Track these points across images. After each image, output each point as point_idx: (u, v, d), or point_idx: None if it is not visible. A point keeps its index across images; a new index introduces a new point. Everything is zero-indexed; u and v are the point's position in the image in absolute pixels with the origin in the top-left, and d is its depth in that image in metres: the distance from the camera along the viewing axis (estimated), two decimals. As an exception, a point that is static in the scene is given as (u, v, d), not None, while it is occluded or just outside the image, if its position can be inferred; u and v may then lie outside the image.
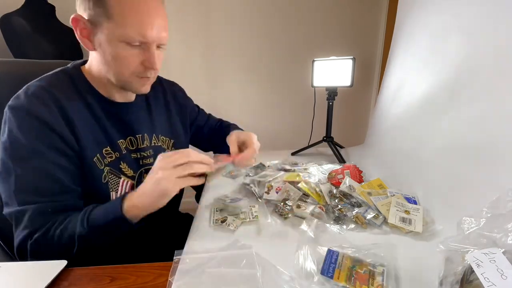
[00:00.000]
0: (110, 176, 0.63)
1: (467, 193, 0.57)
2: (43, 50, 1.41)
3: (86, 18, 0.54)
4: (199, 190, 0.89)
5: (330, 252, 0.50)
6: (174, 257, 0.50)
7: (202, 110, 0.97)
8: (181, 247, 0.55)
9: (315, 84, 1.03)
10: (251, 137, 0.75)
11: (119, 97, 0.67)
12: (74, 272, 0.49)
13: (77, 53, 1.58)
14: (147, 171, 0.70)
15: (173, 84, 0.87)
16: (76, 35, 0.56)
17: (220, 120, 0.99)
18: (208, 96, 1.79)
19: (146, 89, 0.64)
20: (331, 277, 0.45)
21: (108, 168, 0.62)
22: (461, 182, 0.60)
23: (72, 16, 0.54)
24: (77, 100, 0.59)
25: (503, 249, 0.34)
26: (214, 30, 1.66)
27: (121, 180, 0.65)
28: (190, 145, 0.90)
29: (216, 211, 0.68)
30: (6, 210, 0.54)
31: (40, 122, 0.53)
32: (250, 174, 0.85)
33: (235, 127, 0.94)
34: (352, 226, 0.60)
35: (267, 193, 0.71)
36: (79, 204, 0.58)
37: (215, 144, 0.95)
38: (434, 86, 0.76)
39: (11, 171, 0.52)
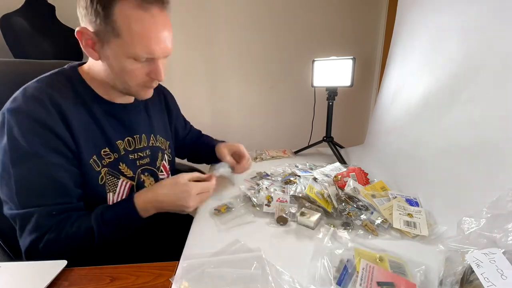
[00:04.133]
0: (108, 177, 0.62)
1: (467, 193, 0.57)
2: (43, 50, 1.41)
3: (92, 31, 0.53)
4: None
5: (345, 267, 0.47)
6: (175, 259, 0.50)
7: (185, 118, 1.01)
8: (181, 247, 0.55)
9: (315, 84, 1.03)
10: (241, 147, 0.84)
11: (119, 99, 0.67)
12: (74, 272, 0.49)
13: (77, 53, 1.58)
14: (143, 171, 0.70)
15: (164, 88, 0.89)
16: (80, 45, 0.55)
17: (200, 131, 1.05)
18: (209, 96, 1.79)
19: (149, 95, 0.65)
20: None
21: (106, 169, 0.62)
22: (461, 182, 0.60)
23: (77, 30, 0.54)
24: (75, 102, 0.59)
25: (503, 249, 0.34)
26: (215, 30, 1.66)
27: (120, 181, 0.65)
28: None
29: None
30: (7, 212, 0.54)
31: (39, 124, 0.52)
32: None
33: (217, 140, 0.98)
34: (361, 232, 0.59)
35: (268, 205, 0.68)
36: (81, 205, 0.58)
37: (195, 152, 0.99)
38: (434, 86, 0.76)
39: (12, 174, 0.52)
